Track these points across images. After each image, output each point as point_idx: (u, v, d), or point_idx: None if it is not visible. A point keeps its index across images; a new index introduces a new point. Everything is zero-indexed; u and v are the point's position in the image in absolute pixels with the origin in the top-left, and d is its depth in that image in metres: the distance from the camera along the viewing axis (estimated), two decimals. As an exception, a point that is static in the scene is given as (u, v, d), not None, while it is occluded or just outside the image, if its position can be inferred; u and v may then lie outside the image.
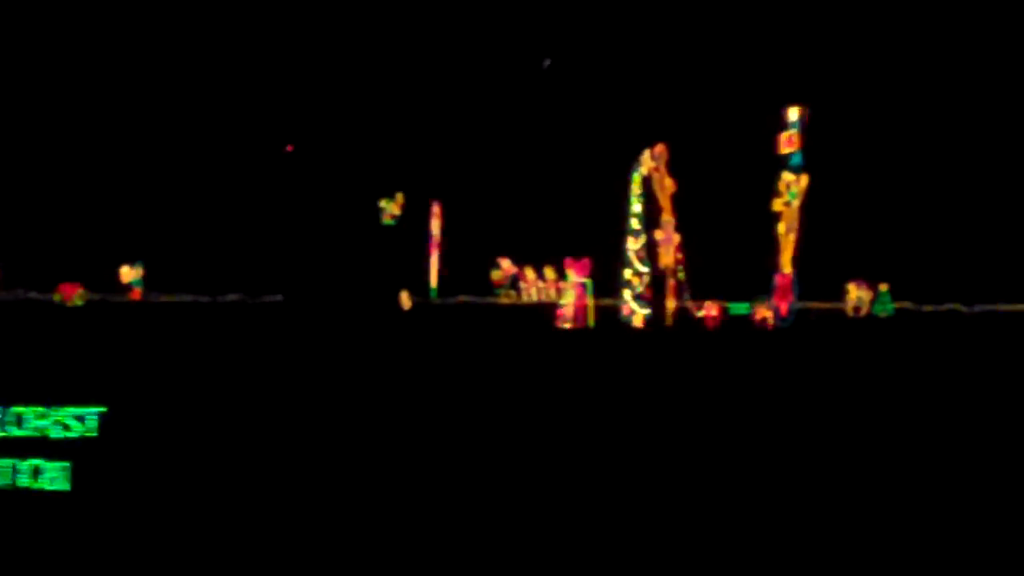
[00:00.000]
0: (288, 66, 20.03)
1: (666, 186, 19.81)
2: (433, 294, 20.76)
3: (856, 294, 23.70)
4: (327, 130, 21.00)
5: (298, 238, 20.94)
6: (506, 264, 20.39)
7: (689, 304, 19.98)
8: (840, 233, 21.73)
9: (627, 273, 19.70)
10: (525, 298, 20.46)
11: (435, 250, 20.62)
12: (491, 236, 20.52)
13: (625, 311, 19.64)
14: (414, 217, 20.80)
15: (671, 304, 19.92)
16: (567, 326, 19.40)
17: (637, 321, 19.61)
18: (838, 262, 22.40)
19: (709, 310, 20.16)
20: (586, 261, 19.57)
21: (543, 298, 20.24)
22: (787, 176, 18.94)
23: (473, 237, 20.55)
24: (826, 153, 19.16)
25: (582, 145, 20.15)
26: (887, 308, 23.34)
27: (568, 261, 19.40)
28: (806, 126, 18.94)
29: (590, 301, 19.51)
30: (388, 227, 20.51)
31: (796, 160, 18.90)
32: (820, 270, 22.48)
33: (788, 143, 19.00)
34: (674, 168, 19.82)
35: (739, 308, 20.52)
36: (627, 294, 19.69)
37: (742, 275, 20.69)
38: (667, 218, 19.87)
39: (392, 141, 20.88)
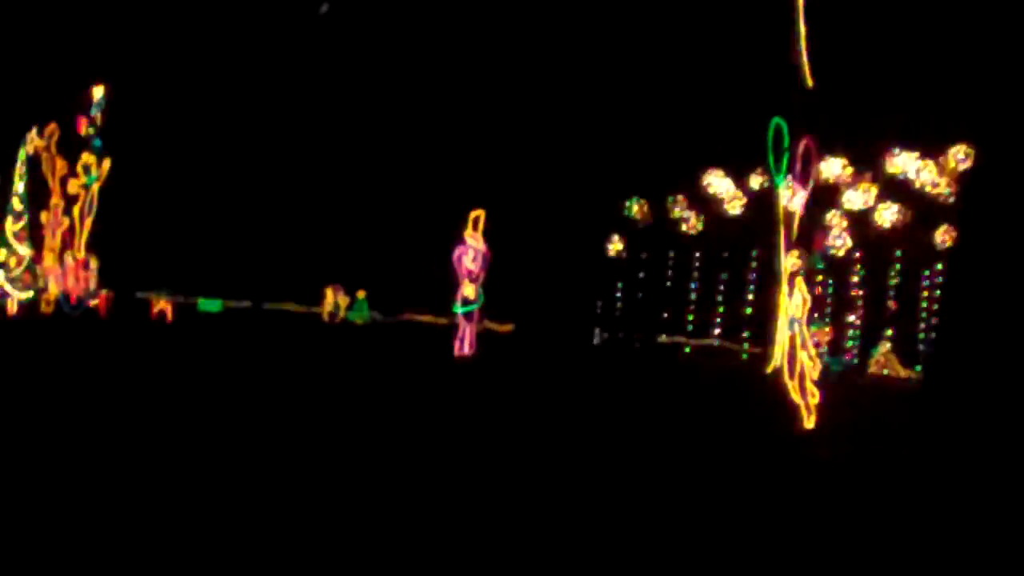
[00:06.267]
0: None
1: (56, 167, 18.94)
2: None
3: (332, 299, 22.10)
4: None
5: None
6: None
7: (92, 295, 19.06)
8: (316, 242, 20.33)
9: (2, 254, 18.88)
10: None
11: None
12: None
13: (-2, 295, 18.82)
14: None
15: (55, 291, 19.00)
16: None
17: (11, 306, 18.72)
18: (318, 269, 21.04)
19: (101, 299, 19.16)
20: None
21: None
22: (87, 158, 17.85)
23: None
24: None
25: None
26: (363, 314, 21.74)
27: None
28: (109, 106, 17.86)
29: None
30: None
31: (97, 142, 17.87)
32: (304, 276, 21.18)
33: (88, 124, 17.96)
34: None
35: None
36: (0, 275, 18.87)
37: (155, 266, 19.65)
38: (56, 200, 18.97)
39: None
